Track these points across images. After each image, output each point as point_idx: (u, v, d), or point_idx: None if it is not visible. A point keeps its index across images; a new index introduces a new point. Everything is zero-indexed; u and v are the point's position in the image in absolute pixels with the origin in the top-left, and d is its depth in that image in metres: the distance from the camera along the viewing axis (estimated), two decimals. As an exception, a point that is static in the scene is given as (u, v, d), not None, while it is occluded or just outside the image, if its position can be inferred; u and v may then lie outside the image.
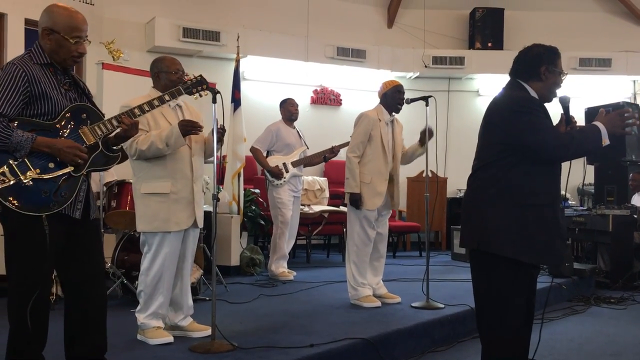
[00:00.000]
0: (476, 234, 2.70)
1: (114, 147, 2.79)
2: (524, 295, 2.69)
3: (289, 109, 6.22)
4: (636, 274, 6.47)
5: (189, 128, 3.39)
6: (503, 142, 2.66)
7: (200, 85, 3.37)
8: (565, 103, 2.82)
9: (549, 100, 2.79)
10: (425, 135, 4.70)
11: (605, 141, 2.56)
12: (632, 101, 9.78)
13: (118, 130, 2.75)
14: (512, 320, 2.66)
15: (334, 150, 6.05)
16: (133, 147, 3.39)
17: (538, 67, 2.72)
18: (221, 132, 3.54)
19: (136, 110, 2.83)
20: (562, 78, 2.77)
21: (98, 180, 4.88)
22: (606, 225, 6.42)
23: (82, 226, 2.68)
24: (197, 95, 3.39)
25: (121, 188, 4.84)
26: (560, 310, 5.23)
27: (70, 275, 2.70)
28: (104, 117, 2.72)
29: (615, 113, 2.62)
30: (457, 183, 9.24)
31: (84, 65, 6.68)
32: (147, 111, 2.93)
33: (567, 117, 2.80)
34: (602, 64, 9.59)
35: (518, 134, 2.61)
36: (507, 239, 2.61)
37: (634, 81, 10.20)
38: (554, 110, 2.75)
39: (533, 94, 2.73)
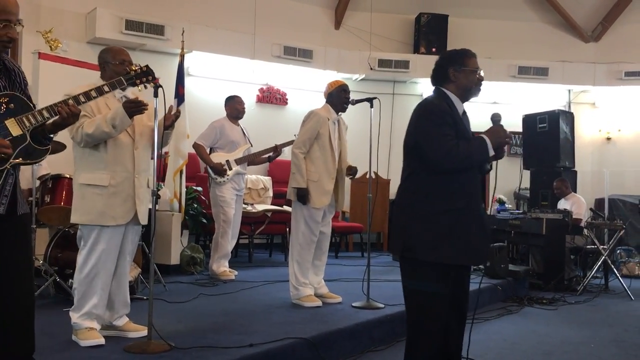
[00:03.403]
0: (400, 241, 2.76)
1: (51, 135, 2.66)
2: (448, 292, 2.73)
3: (236, 107, 6.14)
4: (572, 278, 6.69)
5: (133, 109, 3.28)
6: (414, 148, 2.75)
7: (145, 76, 3.21)
8: (496, 121, 2.88)
9: (470, 97, 2.85)
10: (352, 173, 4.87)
11: (491, 152, 2.66)
12: (567, 109, 10.18)
13: (56, 118, 2.63)
14: (436, 319, 2.72)
15: (277, 149, 6.02)
16: (79, 132, 3.30)
17: (446, 70, 2.84)
18: (174, 118, 3.56)
19: (70, 101, 2.70)
20: (478, 75, 2.82)
21: (29, 176, 4.69)
22: (540, 229, 6.66)
23: (8, 222, 2.55)
24: (141, 87, 3.24)
25: (56, 182, 4.66)
26: (495, 311, 5.38)
27: None
28: (34, 108, 2.59)
29: (496, 126, 2.74)
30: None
31: (19, 54, 6.42)
32: (83, 102, 2.80)
33: None
34: (539, 73, 9.94)
35: (418, 141, 2.70)
36: (428, 245, 2.66)
37: (569, 90, 10.63)
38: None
39: (452, 96, 2.81)
